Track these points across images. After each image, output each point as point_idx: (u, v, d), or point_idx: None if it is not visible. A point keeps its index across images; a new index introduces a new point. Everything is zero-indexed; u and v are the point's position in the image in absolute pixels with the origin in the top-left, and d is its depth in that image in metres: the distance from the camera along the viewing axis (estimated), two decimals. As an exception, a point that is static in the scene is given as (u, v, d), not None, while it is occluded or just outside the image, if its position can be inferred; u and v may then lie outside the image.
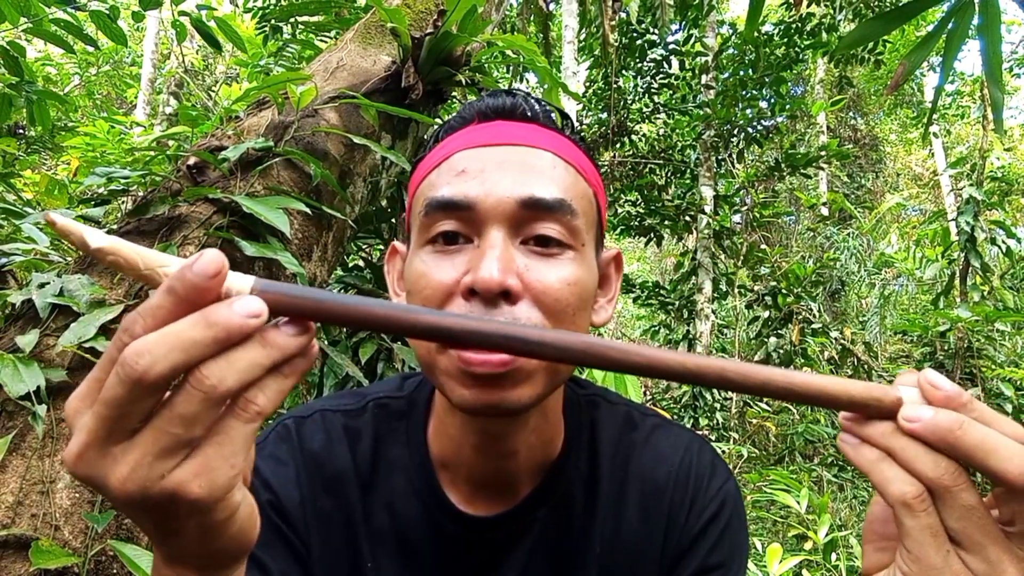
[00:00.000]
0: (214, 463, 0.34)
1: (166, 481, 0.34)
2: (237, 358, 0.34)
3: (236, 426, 0.35)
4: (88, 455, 0.34)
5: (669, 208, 7.08)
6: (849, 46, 5.89)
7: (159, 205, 1.68)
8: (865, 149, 15.63)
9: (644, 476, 0.70)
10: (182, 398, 0.33)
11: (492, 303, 0.55)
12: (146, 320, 0.33)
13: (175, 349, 0.33)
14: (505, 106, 0.65)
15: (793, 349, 6.75)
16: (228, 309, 0.34)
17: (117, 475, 0.34)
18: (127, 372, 0.32)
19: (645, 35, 7.18)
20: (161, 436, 0.34)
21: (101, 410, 0.33)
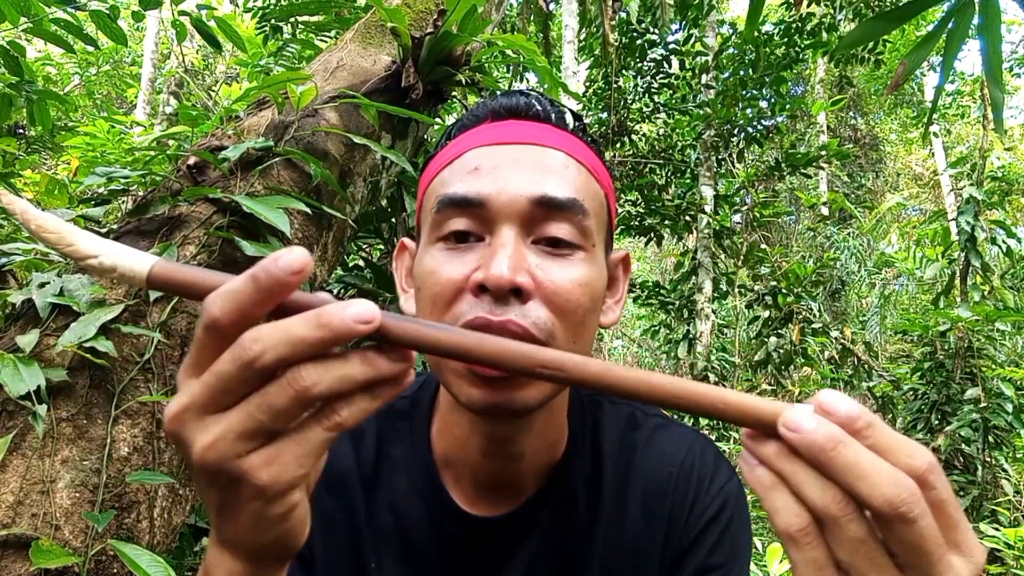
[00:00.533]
0: (285, 457, 0.36)
1: (240, 461, 0.36)
2: (335, 367, 0.36)
3: (316, 431, 0.36)
4: (185, 416, 0.37)
5: (669, 208, 7.07)
6: (849, 46, 5.89)
7: (159, 205, 1.68)
8: (865, 149, 15.63)
9: (646, 476, 0.70)
10: (275, 390, 0.35)
11: (502, 300, 0.55)
12: (224, 301, 0.35)
13: (284, 343, 0.34)
14: (518, 106, 0.65)
15: (793, 349, 6.75)
16: (341, 313, 0.35)
17: (202, 441, 0.36)
18: (239, 354, 0.35)
19: (645, 35, 7.17)
20: (248, 419, 0.36)
21: (209, 379, 0.36)
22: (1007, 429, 4.85)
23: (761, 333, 7.07)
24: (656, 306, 7.86)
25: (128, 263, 0.37)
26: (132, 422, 1.45)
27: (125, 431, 1.43)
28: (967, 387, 5.07)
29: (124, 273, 0.38)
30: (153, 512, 1.44)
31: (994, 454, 4.92)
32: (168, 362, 1.54)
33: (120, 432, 1.42)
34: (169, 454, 1.50)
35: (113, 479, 1.38)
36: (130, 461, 1.42)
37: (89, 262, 0.38)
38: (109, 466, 1.38)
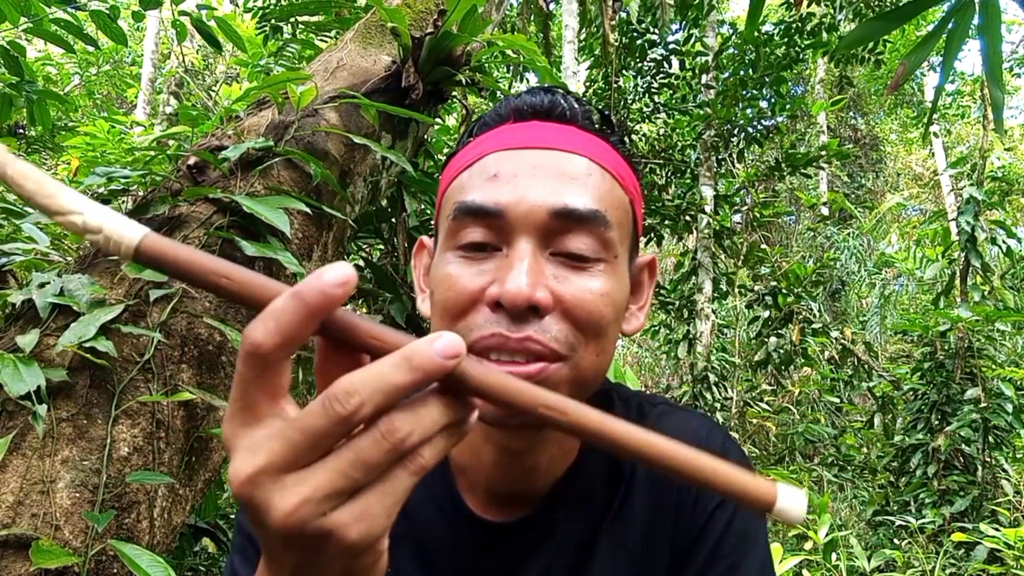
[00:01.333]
0: (375, 510, 0.34)
1: (326, 520, 0.33)
2: (425, 414, 0.34)
3: (402, 478, 0.35)
4: (261, 478, 0.33)
5: (669, 208, 7.08)
6: (849, 46, 5.89)
7: (159, 205, 1.68)
8: (865, 149, 15.63)
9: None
10: (368, 444, 0.33)
11: (520, 318, 0.54)
12: (267, 324, 0.33)
13: (380, 392, 0.33)
14: (542, 105, 0.63)
15: (793, 349, 6.75)
16: (429, 350, 0.33)
17: (284, 505, 0.33)
18: (336, 409, 0.32)
19: (645, 35, 7.17)
20: (338, 476, 0.33)
21: (295, 436, 0.33)
22: (1007, 429, 4.86)
23: (761, 333, 7.07)
24: (656, 306, 7.87)
25: (116, 227, 0.34)
26: (132, 422, 1.45)
27: (125, 431, 1.43)
28: (967, 387, 5.07)
29: (110, 237, 0.34)
30: (153, 512, 1.44)
31: (994, 454, 4.92)
32: (168, 362, 1.54)
33: (120, 432, 1.42)
34: (169, 454, 1.50)
35: (113, 479, 1.38)
36: (130, 461, 1.42)
37: (71, 218, 0.34)
38: (109, 466, 1.38)
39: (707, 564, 0.66)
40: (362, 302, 2.65)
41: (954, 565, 4.09)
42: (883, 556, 3.51)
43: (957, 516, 4.72)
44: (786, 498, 0.36)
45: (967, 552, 4.15)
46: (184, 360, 1.57)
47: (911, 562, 4.00)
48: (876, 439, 6.68)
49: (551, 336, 0.54)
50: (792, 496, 0.36)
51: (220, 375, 1.63)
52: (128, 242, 0.34)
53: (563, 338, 0.55)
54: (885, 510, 5.33)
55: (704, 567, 0.66)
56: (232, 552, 0.67)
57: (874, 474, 6.29)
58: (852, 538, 3.77)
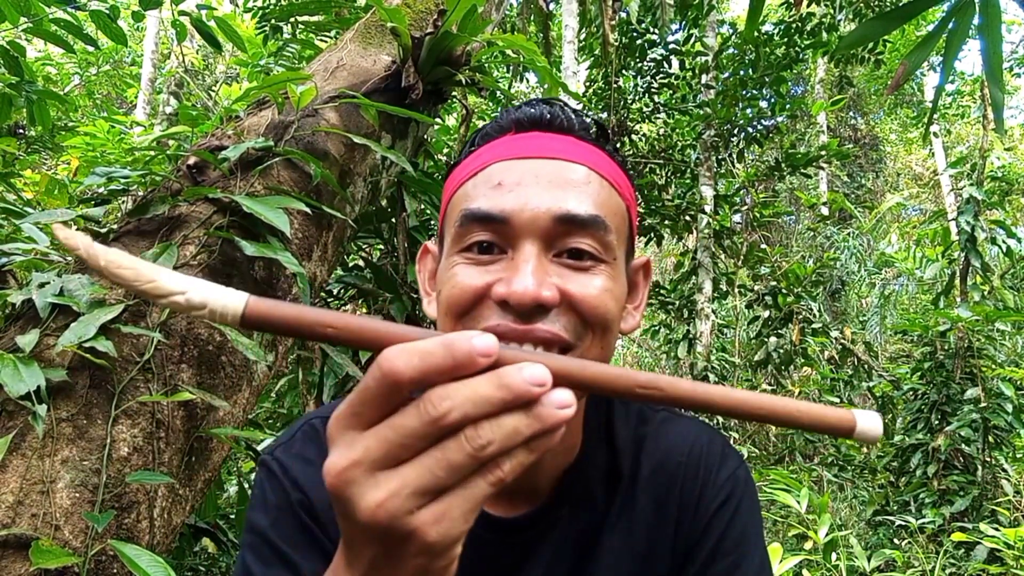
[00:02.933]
0: (454, 513, 0.36)
1: (411, 518, 0.36)
2: (507, 424, 0.36)
3: (481, 486, 0.37)
4: (354, 472, 0.36)
5: (669, 208, 7.07)
6: (849, 46, 5.89)
7: (159, 205, 1.68)
8: (865, 149, 15.63)
9: (656, 468, 0.71)
10: (455, 446, 0.35)
11: (527, 316, 0.57)
12: (412, 360, 0.35)
13: (471, 402, 0.35)
14: (542, 117, 0.66)
15: (793, 349, 6.75)
16: (519, 375, 0.36)
17: (373, 498, 0.36)
18: (428, 410, 0.35)
19: (645, 35, 7.17)
20: (425, 475, 0.35)
21: (389, 434, 0.36)
22: (1007, 429, 4.86)
23: (761, 333, 7.07)
24: (656, 306, 7.86)
25: (220, 299, 0.36)
26: (132, 422, 1.45)
27: (125, 431, 1.43)
28: (967, 387, 5.07)
29: (215, 310, 0.36)
30: (153, 512, 1.44)
31: (994, 454, 4.92)
32: (168, 362, 1.54)
33: (120, 432, 1.42)
34: (169, 454, 1.50)
35: (113, 479, 1.38)
36: (130, 461, 1.42)
37: (175, 299, 0.36)
38: (109, 466, 1.38)
39: (709, 562, 0.68)
40: (362, 302, 2.65)
41: (954, 565, 4.09)
42: (883, 556, 3.51)
43: (957, 516, 4.72)
44: (864, 420, 0.41)
45: (967, 552, 4.15)
46: (184, 360, 1.56)
47: (911, 562, 4.00)
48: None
49: (559, 326, 0.58)
50: (869, 418, 0.41)
51: (220, 375, 1.63)
52: (234, 311, 0.36)
53: (571, 328, 0.58)
54: (885, 510, 5.33)
55: (706, 565, 0.68)
56: (243, 550, 0.68)
57: (874, 474, 6.30)
58: (852, 538, 3.77)
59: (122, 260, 0.35)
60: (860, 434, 0.41)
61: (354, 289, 2.60)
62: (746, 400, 0.40)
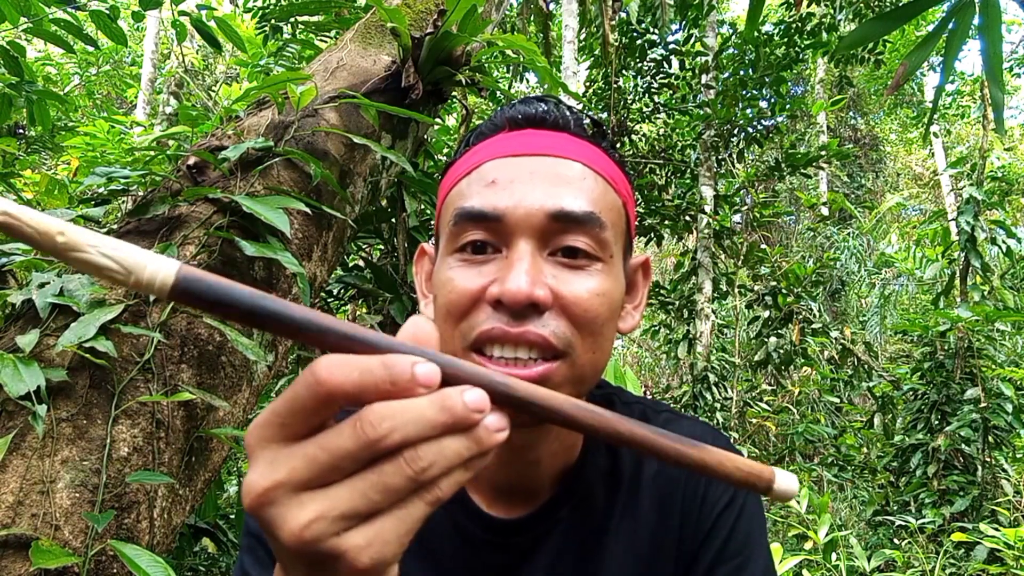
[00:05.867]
0: (388, 537, 0.34)
1: (340, 540, 0.34)
2: (448, 447, 0.35)
3: (418, 507, 0.35)
4: (277, 493, 0.33)
5: (669, 208, 7.08)
6: (849, 46, 5.89)
7: (159, 205, 1.68)
8: (865, 149, 15.63)
9: (659, 470, 0.71)
10: (393, 470, 0.34)
11: (520, 315, 0.56)
12: (351, 373, 0.33)
13: (412, 424, 0.33)
14: (536, 114, 0.66)
15: (793, 349, 6.75)
16: (461, 400, 0.34)
17: (298, 520, 0.33)
18: (366, 431, 0.33)
19: (645, 35, 7.17)
20: (358, 498, 0.34)
21: (319, 455, 0.33)
22: (1007, 429, 4.86)
23: (761, 333, 7.07)
24: (656, 306, 7.87)
25: (147, 264, 0.32)
26: (132, 422, 1.45)
27: (125, 431, 1.43)
28: (967, 387, 5.07)
29: (141, 278, 0.32)
30: (153, 512, 1.44)
31: (994, 454, 4.92)
32: (168, 362, 1.54)
33: (120, 432, 1.42)
34: (169, 454, 1.50)
35: (113, 479, 1.38)
36: (130, 461, 1.42)
37: (86, 256, 0.32)
38: (109, 466, 1.38)
39: (714, 565, 0.67)
40: (362, 302, 2.65)
41: (954, 565, 4.09)
42: (883, 556, 3.51)
43: (957, 516, 4.72)
44: (782, 480, 0.41)
45: (967, 552, 4.15)
46: (184, 360, 1.56)
47: (911, 562, 4.00)
48: (876, 439, 6.68)
49: (549, 331, 0.56)
50: (786, 478, 0.41)
51: (220, 375, 1.63)
52: (163, 281, 0.33)
53: (560, 334, 0.57)
54: (885, 510, 5.33)
55: (711, 568, 0.67)
56: (241, 552, 0.68)
57: (874, 474, 6.29)
58: (852, 538, 3.77)
59: (25, 212, 0.31)
60: (776, 492, 0.41)
61: (354, 289, 2.60)
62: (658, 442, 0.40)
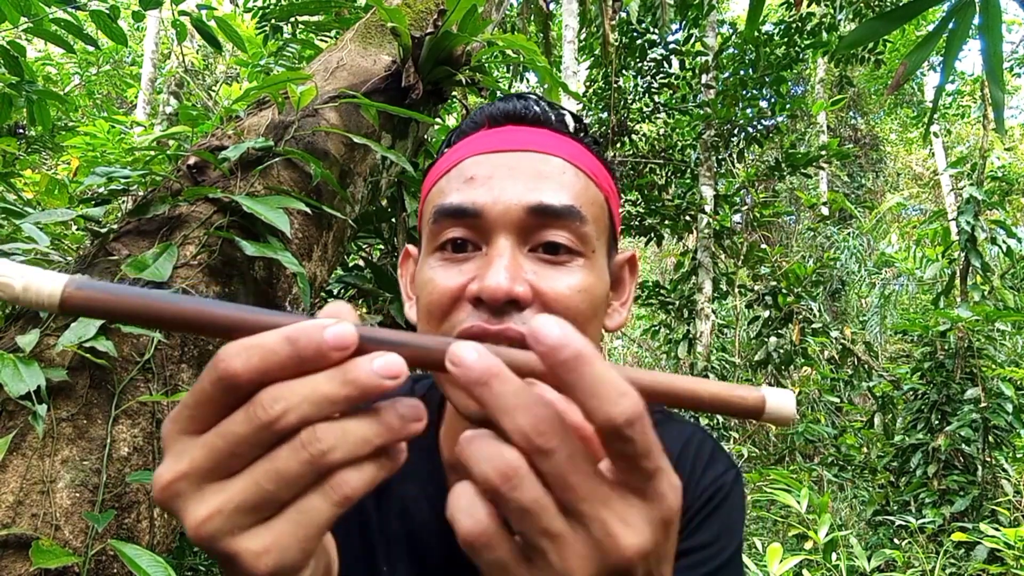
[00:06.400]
0: (286, 541, 0.32)
1: (236, 540, 0.32)
2: (352, 430, 0.32)
3: (320, 507, 0.32)
4: (180, 485, 0.32)
5: (669, 208, 7.08)
6: (849, 46, 5.89)
7: (159, 205, 1.68)
8: (865, 149, 15.63)
9: None
10: (286, 454, 0.31)
11: (500, 312, 0.55)
12: (249, 356, 0.31)
13: (308, 402, 0.31)
14: (515, 110, 0.65)
15: (793, 349, 6.75)
16: (368, 368, 0.32)
17: (197, 514, 0.32)
18: (257, 413, 0.31)
19: (645, 35, 7.17)
20: (251, 488, 0.31)
21: (216, 441, 0.32)
22: (1007, 429, 4.86)
23: (761, 333, 7.07)
24: (656, 306, 7.87)
25: (36, 282, 0.31)
26: (132, 422, 1.45)
27: (125, 431, 1.43)
28: (967, 387, 5.07)
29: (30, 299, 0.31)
30: (153, 512, 1.44)
31: (994, 454, 4.92)
32: (168, 362, 1.54)
33: (120, 432, 1.42)
34: (169, 454, 1.50)
35: (113, 479, 1.38)
36: (130, 461, 1.42)
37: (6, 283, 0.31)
38: (109, 466, 1.38)
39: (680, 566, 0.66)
40: (362, 302, 2.65)
41: (954, 565, 4.09)
42: (883, 556, 3.51)
43: (957, 516, 4.72)
44: (774, 399, 0.36)
45: (967, 552, 4.15)
46: (184, 360, 1.56)
47: (911, 562, 4.00)
48: (876, 439, 6.68)
49: None
50: (779, 396, 0.36)
51: (220, 375, 1.63)
52: (50, 296, 0.31)
53: None
54: (885, 510, 5.33)
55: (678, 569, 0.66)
56: None
57: (874, 474, 6.29)
58: (852, 538, 3.77)
59: None
60: (770, 414, 0.36)
61: (354, 289, 2.60)
62: (639, 379, 0.36)
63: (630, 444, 0.33)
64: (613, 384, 0.32)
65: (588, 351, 0.32)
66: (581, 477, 0.33)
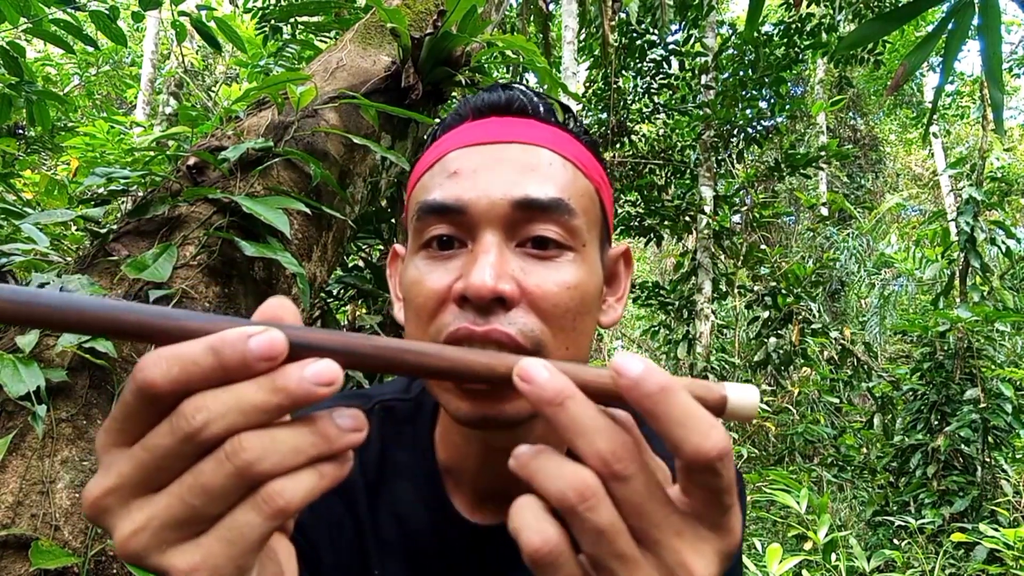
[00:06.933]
0: (217, 560, 0.30)
1: (164, 557, 0.31)
2: (282, 439, 0.31)
3: (251, 521, 0.30)
4: (108, 500, 0.31)
5: (669, 208, 7.08)
6: (849, 46, 5.89)
7: (159, 205, 1.68)
8: (865, 149, 15.64)
9: None
10: (210, 466, 0.30)
11: (486, 310, 0.53)
12: (169, 367, 0.30)
13: (234, 411, 0.30)
14: (500, 101, 0.62)
15: (793, 349, 6.75)
16: (299, 375, 0.30)
17: (124, 529, 0.31)
18: (180, 424, 0.30)
19: (645, 35, 7.18)
20: (175, 503, 0.30)
21: (140, 454, 0.31)
22: (1007, 429, 4.86)
23: (761, 334, 7.07)
24: (656, 306, 7.87)
25: None
26: (132, 422, 1.45)
27: (125, 431, 1.43)
28: (967, 387, 5.07)
29: None
30: (153, 512, 1.44)
31: (994, 454, 4.92)
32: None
33: (120, 432, 1.42)
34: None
35: (113, 479, 1.38)
36: (130, 461, 1.42)
37: None
38: (109, 466, 1.38)
39: None
40: (362, 302, 2.65)
41: (954, 565, 4.09)
42: (883, 556, 3.51)
43: (957, 516, 4.72)
44: (736, 394, 0.35)
45: (966, 552, 4.15)
46: (184, 360, 1.56)
47: (911, 562, 4.00)
48: (876, 439, 6.68)
49: (516, 328, 0.53)
50: (741, 391, 0.35)
51: (220, 375, 1.63)
52: None
53: (529, 331, 0.53)
54: (885, 510, 5.33)
55: None
56: None
57: (874, 474, 6.29)
58: (852, 538, 3.77)
59: None
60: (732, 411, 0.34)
61: (354, 289, 2.60)
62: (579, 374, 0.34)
63: (718, 479, 0.33)
64: (703, 416, 0.32)
65: (674, 383, 0.33)
66: (656, 504, 0.33)
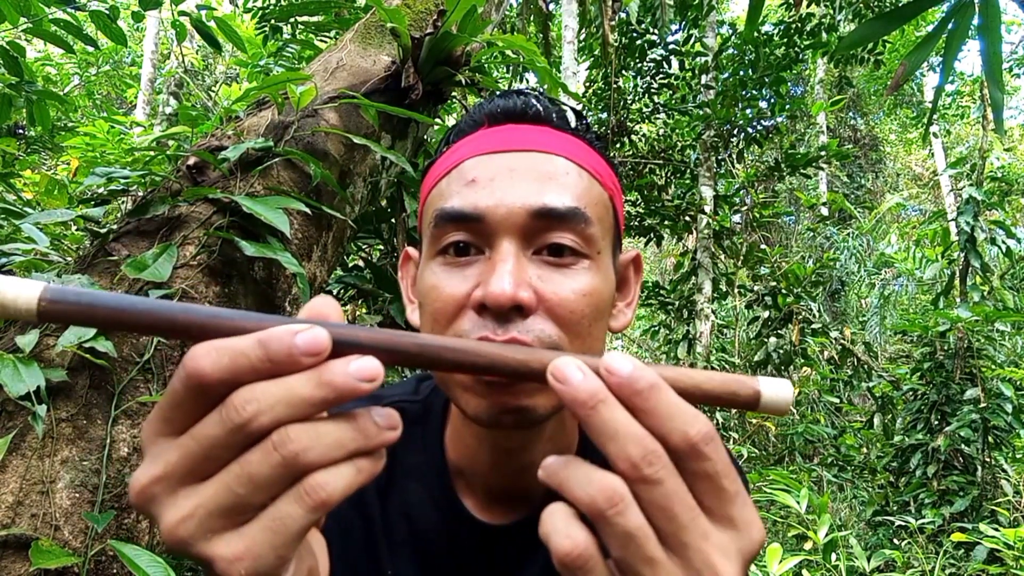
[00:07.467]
0: (260, 550, 0.31)
1: (209, 545, 0.32)
2: (326, 432, 0.32)
3: (295, 513, 0.32)
4: (156, 488, 0.32)
5: (669, 208, 7.08)
6: (849, 46, 5.89)
7: (159, 205, 1.68)
8: (865, 149, 15.64)
9: None
10: (258, 457, 0.31)
11: (504, 318, 0.54)
12: (220, 358, 0.31)
13: (282, 403, 0.31)
14: (516, 108, 0.63)
15: (793, 349, 6.75)
16: (344, 370, 0.32)
17: (171, 517, 0.32)
18: (230, 415, 0.31)
19: (645, 35, 7.18)
20: (223, 492, 0.31)
21: (189, 444, 0.32)
22: (1007, 429, 4.86)
23: (761, 333, 7.07)
24: (656, 306, 7.87)
25: (9, 290, 0.31)
26: (132, 422, 1.45)
27: (125, 431, 1.43)
28: (967, 387, 5.07)
29: (4, 304, 0.31)
30: (153, 512, 1.44)
31: (994, 454, 4.92)
32: (168, 362, 1.54)
33: (120, 432, 1.42)
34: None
35: (113, 479, 1.38)
36: (130, 461, 1.42)
37: None
38: (109, 466, 1.38)
39: None
40: (362, 302, 2.65)
41: (954, 565, 4.09)
42: (883, 556, 3.51)
43: (957, 516, 4.72)
44: (769, 388, 0.36)
45: (967, 552, 4.15)
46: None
47: (911, 562, 4.00)
48: (876, 439, 6.68)
49: (534, 335, 0.54)
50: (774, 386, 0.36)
51: (220, 375, 1.63)
52: (27, 303, 0.32)
53: (546, 337, 0.55)
54: (885, 510, 5.33)
55: None
56: None
57: (874, 474, 6.29)
58: (852, 538, 3.77)
59: None
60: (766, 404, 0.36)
61: (354, 289, 2.60)
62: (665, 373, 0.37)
63: (708, 462, 0.34)
64: (687, 408, 0.35)
65: (660, 380, 0.35)
66: (684, 508, 0.34)
